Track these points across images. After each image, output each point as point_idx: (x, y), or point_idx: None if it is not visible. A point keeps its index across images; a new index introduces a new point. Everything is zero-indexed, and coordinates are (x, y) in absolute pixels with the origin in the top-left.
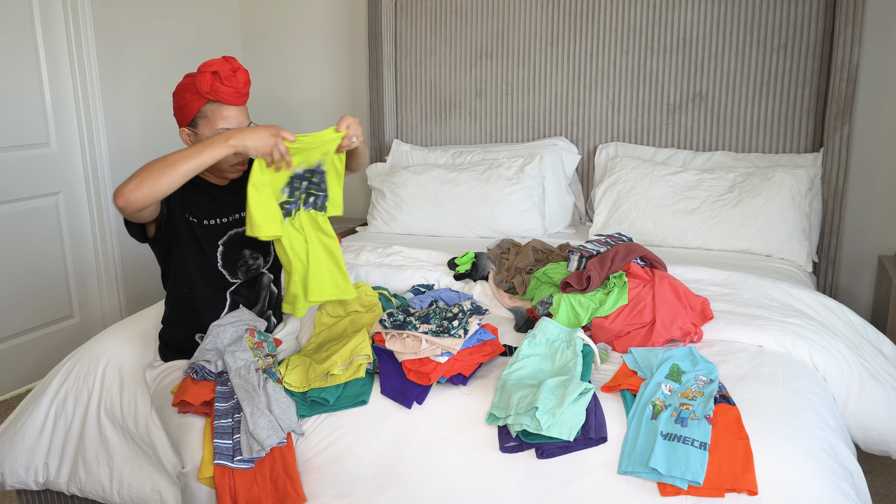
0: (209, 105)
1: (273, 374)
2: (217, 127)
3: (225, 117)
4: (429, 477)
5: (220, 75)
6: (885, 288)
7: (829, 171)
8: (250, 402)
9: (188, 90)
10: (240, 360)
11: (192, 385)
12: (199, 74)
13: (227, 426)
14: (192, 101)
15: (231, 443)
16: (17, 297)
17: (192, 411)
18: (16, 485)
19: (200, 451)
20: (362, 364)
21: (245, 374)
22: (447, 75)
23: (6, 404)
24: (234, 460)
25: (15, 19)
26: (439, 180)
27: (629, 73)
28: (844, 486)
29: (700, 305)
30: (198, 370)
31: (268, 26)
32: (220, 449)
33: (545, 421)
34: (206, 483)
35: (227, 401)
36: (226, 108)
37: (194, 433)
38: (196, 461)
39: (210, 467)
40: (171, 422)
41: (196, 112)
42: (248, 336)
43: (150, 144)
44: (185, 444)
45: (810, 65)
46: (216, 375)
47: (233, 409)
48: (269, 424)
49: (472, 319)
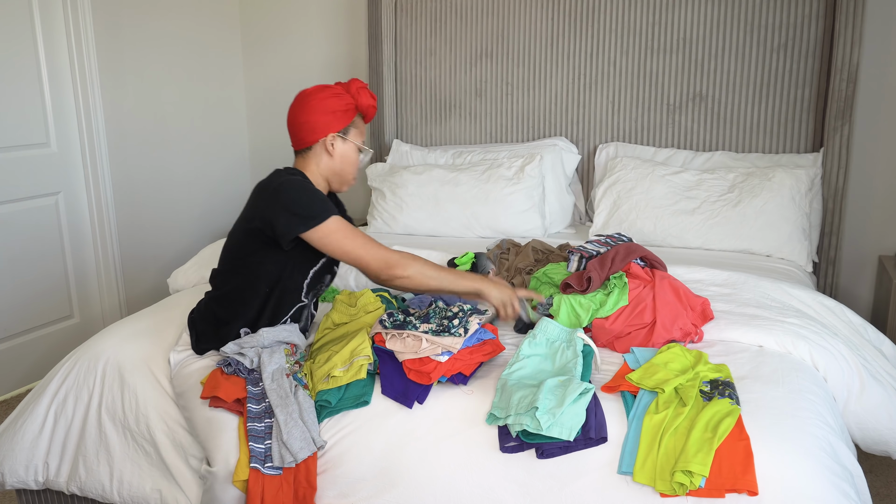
0: (358, 118)
1: (300, 379)
2: (362, 139)
3: (363, 133)
4: (429, 476)
5: (372, 95)
6: (885, 288)
7: (829, 171)
8: (284, 410)
9: (343, 99)
10: (275, 362)
11: (224, 380)
12: (360, 90)
13: (260, 430)
14: (349, 111)
15: (263, 448)
16: (17, 297)
17: (224, 407)
18: (16, 484)
19: (235, 453)
20: (363, 365)
21: (279, 378)
22: (447, 75)
23: (6, 404)
24: (265, 465)
25: (15, 20)
26: (439, 180)
27: (629, 73)
28: (844, 486)
29: (700, 306)
30: (232, 363)
31: (268, 26)
32: (255, 452)
33: (545, 421)
34: (238, 486)
35: (258, 403)
36: (364, 126)
37: (228, 433)
38: (229, 462)
39: (246, 470)
40: (198, 413)
41: (351, 121)
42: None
43: (150, 145)
44: (215, 442)
45: (810, 65)
46: (248, 372)
47: (264, 413)
48: (302, 436)
49: (472, 319)
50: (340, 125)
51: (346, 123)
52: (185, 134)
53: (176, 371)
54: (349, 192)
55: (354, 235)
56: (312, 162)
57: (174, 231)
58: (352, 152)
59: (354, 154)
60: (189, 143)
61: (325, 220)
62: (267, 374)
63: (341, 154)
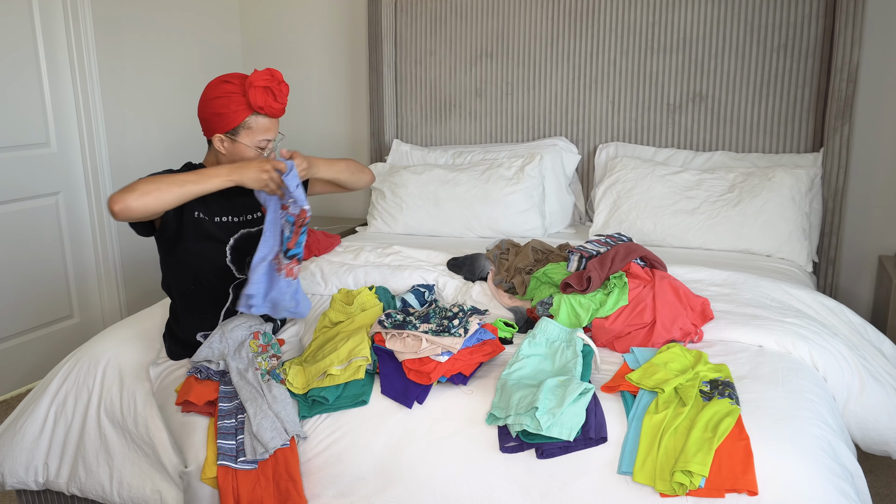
0: (253, 117)
1: (277, 375)
2: (259, 138)
3: (267, 129)
4: (429, 476)
5: (272, 91)
6: (885, 288)
7: (829, 171)
8: (253, 404)
9: (233, 100)
10: (242, 360)
11: (196, 385)
12: (252, 89)
13: (230, 427)
14: (238, 112)
15: (234, 443)
16: (17, 297)
17: (195, 411)
18: (16, 485)
19: (204, 451)
20: (361, 366)
21: (246, 374)
22: (447, 75)
23: (6, 404)
24: (238, 461)
25: (15, 19)
26: (439, 180)
27: (629, 73)
28: (844, 486)
29: (700, 306)
30: (202, 370)
31: (268, 27)
32: (224, 450)
33: (545, 421)
34: (209, 483)
35: (230, 401)
36: (268, 119)
37: (198, 433)
38: (199, 461)
39: (213, 468)
40: (174, 420)
41: (240, 122)
42: (253, 339)
43: (149, 144)
44: (188, 443)
45: (810, 65)
46: (219, 375)
47: (236, 410)
48: (273, 426)
49: (472, 319)
50: (227, 127)
51: (234, 125)
52: (185, 133)
53: (157, 384)
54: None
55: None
56: (212, 156)
57: None
58: (245, 151)
59: (249, 153)
60: (189, 143)
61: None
62: (234, 371)
63: (232, 153)
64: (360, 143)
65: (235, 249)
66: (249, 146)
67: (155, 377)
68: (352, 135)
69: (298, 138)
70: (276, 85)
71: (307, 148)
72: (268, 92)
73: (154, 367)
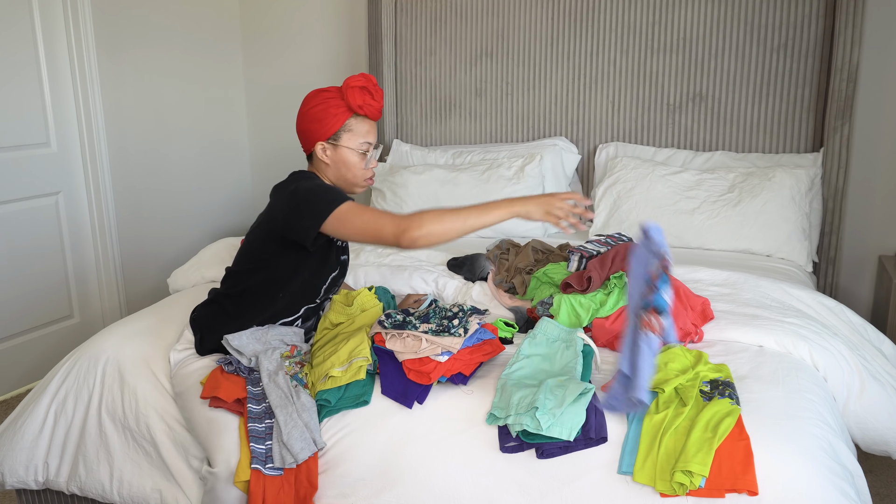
0: (353, 119)
1: (301, 379)
2: (360, 140)
3: (367, 132)
4: (429, 476)
5: (369, 90)
6: (885, 288)
7: (829, 171)
8: (283, 411)
9: (331, 104)
10: (273, 361)
11: (224, 380)
12: (349, 89)
13: (260, 431)
14: (338, 115)
15: (264, 449)
16: (17, 297)
17: (224, 407)
18: (16, 484)
19: (236, 454)
20: (362, 366)
21: (277, 377)
22: (447, 75)
23: (6, 404)
24: (266, 466)
25: (15, 19)
26: (439, 180)
27: (629, 73)
28: (844, 486)
29: (700, 306)
30: (232, 362)
31: (268, 26)
32: (255, 453)
33: (545, 421)
34: (240, 487)
35: (258, 403)
36: (367, 122)
37: (229, 434)
38: (230, 463)
39: (247, 471)
40: (198, 413)
41: (341, 126)
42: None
43: (150, 144)
44: (217, 442)
45: (810, 65)
46: (247, 371)
47: (264, 414)
48: (302, 437)
49: (472, 319)
50: (328, 132)
51: (335, 129)
52: (185, 134)
53: (175, 370)
54: None
55: (365, 210)
56: (317, 168)
57: (174, 231)
58: (349, 156)
59: (353, 157)
60: (189, 143)
61: (339, 204)
62: (265, 374)
63: (335, 160)
64: None
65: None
66: (353, 149)
67: (175, 363)
68: None
69: None
70: (372, 86)
71: None
72: (365, 91)
73: (175, 353)
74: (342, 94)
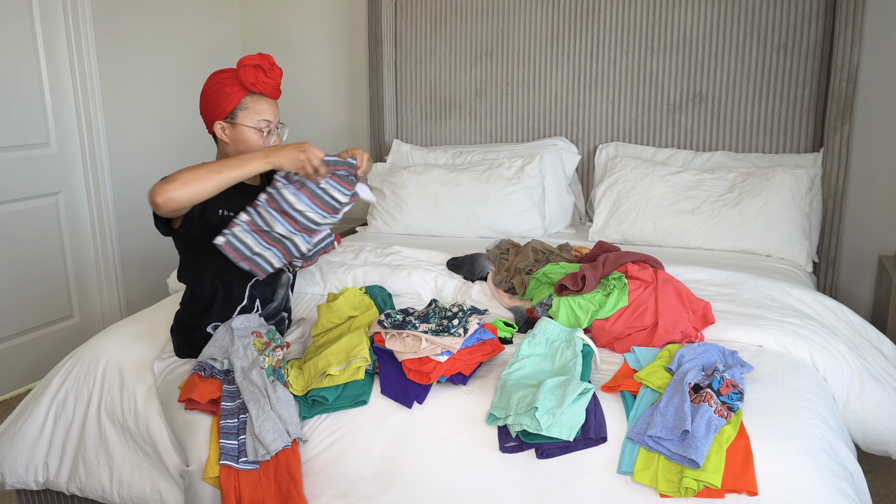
0: (249, 97)
1: (281, 376)
2: (257, 118)
3: (264, 109)
4: (429, 477)
5: (262, 68)
6: (885, 288)
7: (829, 171)
8: (256, 405)
9: (226, 84)
10: (245, 359)
11: (200, 382)
12: (242, 68)
13: (232, 426)
14: (233, 94)
15: (236, 443)
16: (17, 297)
17: (198, 409)
18: (16, 484)
19: (206, 450)
20: (360, 367)
21: (250, 374)
22: (447, 75)
23: (6, 404)
24: (240, 461)
25: (15, 19)
26: (439, 180)
27: (629, 73)
28: (844, 486)
29: (702, 309)
30: (206, 368)
31: (268, 26)
32: (226, 449)
33: (545, 421)
34: (210, 483)
35: (233, 400)
36: (265, 100)
37: (200, 431)
38: (202, 460)
39: (215, 467)
40: (176, 417)
41: (236, 104)
42: (256, 338)
43: (149, 144)
44: (190, 442)
45: (810, 65)
46: (223, 374)
47: (238, 409)
48: (275, 428)
49: (472, 319)
50: (225, 111)
51: (231, 107)
52: (185, 133)
53: (161, 379)
54: None
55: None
56: (220, 149)
57: None
58: (247, 134)
59: (251, 134)
60: (189, 143)
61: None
62: (237, 370)
63: (234, 139)
64: (361, 143)
65: None
66: (250, 126)
67: (159, 372)
68: (352, 135)
69: (299, 138)
70: (267, 64)
71: None
72: (258, 70)
73: (159, 362)
74: (237, 74)
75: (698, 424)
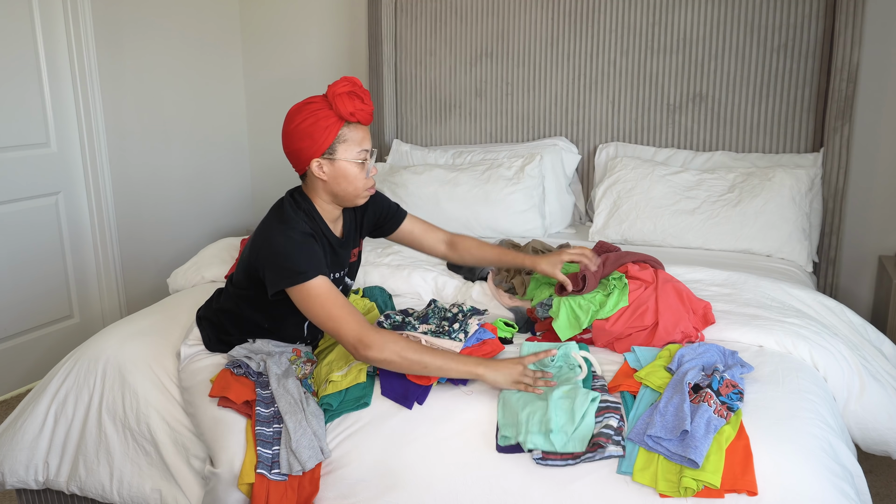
0: (346, 128)
1: (309, 386)
2: (358, 149)
3: (363, 139)
4: (430, 477)
5: (357, 95)
6: (885, 288)
7: (829, 171)
8: (293, 418)
9: (321, 116)
10: (281, 365)
11: (234, 381)
12: (337, 97)
13: (268, 435)
14: (330, 127)
15: (271, 454)
16: (17, 297)
17: (233, 408)
18: (16, 484)
19: (241, 456)
20: (362, 369)
21: (286, 382)
22: (447, 75)
23: (6, 404)
24: (272, 472)
25: (15, 19)
26: (439, 180)
27: (629, 74)
28: (844, 487)
29: (702, 309)
30: (241, 365)
31: (268, 27)
32: (262, 458)
33: (560, 442)
34: (243, 489)
35: (267, 407)
36: (362, 128)
37: (235, 435)
38: (234, 465)
39: (251, 474)
40: (204, 411)
41: (334, 138)
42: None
43: (150, 144)
44: (222, 443)
45: (810, 65)
46: (257, 375)
47: (273, 418)
48: (310, 445)
49: (472, 321)
50: (323, 147)
51: (329, 142)
52: (185, 133)
53: (185, 364)
54: None
55: (335, 302)
56: (312, 187)
57: (174, 231)
58: (348, 168)
59: (352, 169)
60: (189, 143)
61: (309, 278)
62: (273, 377)
63: (333, 175)
64: None
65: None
66: (351, 161)
67: (185, 357)
68: None
69: None
70: (359, 89)
71: None
72: (354, 97)
73: (185, 348)
74: (330, 104)
75: (698, 424)
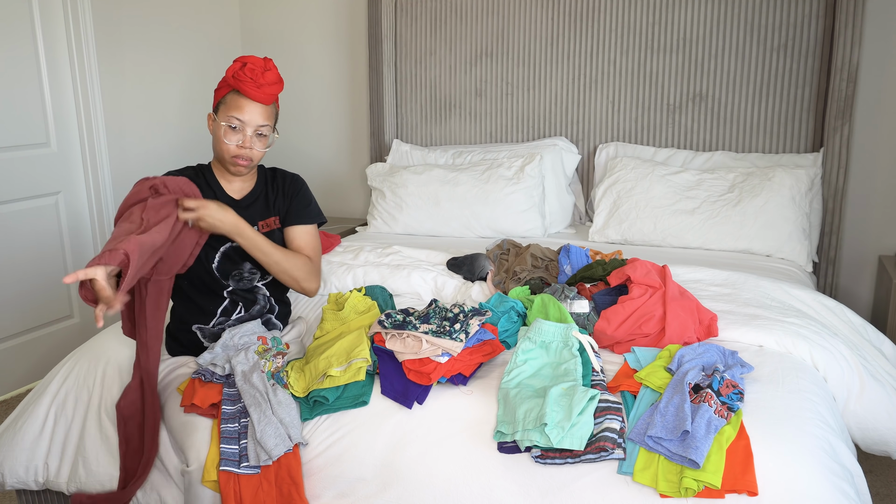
0: (231, 94)
1: (281, 379)
2: (229, 113)
3: (238, 107)
4: (429, 477)
5: (246, 65)
6: (885, 288)
7: (829, 171)
8: (257, 409)
9: (224, 79)
10: (246, 362)
11: (200, 387)
12: (234, 63)
13: (233, 430)
14: (222, 88)
15: (237, 448)
16: (17, 297)
17: (198, 413)
18: (16, 485)
19: (205, 451)
20: (361, 367)
21: (251, 377)
22: (447, 75)
23: (6, 404)
24: (241, 465)
25: (15, 19)
26: (439, 180)
27: (629, 73)
28: (844, 487)
29: (708, 321)
30: (206, 375)
31: (268, 27)
32: (226, 454)
33: (555, 436)
34: (209, 486)
35: (233, 404)
36: (243, 99)
37: (200, 432)
38: (201, 461)
39: (214, 471)
40: (175, 419)
41: (220, 99)
42: (260, 343)
43: (150, 143)
44: (189, 442)
45: (810, 65)
46: (224, 378)
47: (239, 413)
48: (276, 433)
49: (473, 321)
50: (214, 103)
51: (216, 101)
52: (185, 134)
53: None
54: (350, 192)
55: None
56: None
57: None
58: (218, 130)
59: (218, 130)
60: (189, 144)
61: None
62: (238, 374)
63: (213, 132)
64: (361, 143)
65: (224, 260)
66: (222, 123)
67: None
68: (352, 135)
69: (299, 139)
70: (259, 66)
71: (307, 148)
72: (241, 65)
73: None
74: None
75: (698, 424)
